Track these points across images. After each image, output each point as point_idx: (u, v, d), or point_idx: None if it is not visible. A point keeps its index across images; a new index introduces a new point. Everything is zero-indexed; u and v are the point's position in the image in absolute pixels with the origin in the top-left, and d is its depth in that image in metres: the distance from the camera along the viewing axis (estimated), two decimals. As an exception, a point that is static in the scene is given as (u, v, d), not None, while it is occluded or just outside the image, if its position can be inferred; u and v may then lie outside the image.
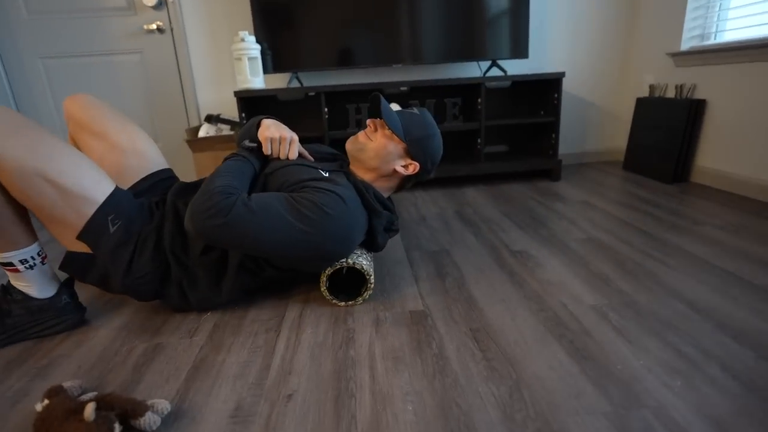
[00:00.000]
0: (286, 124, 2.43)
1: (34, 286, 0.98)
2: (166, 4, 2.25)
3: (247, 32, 2.05)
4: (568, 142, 2.69)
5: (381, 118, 1.11)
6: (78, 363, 0.91)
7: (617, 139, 2.71)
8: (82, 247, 0.97)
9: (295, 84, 2.38)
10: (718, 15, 2.03)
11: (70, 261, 0.98)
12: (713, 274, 1.15)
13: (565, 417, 0.69)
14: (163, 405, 0.72)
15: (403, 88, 2.39)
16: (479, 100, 2.18)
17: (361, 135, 1.13)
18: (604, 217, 1.65)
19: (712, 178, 2.03)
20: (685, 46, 2.15)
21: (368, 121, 1.13)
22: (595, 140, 2.71)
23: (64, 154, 0.92)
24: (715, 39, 2.07)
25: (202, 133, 2.15)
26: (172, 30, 2.28)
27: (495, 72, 2.45)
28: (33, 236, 0.97)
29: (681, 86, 2.14)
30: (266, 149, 1.09)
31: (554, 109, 2.22)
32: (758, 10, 1.82)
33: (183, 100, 2.40)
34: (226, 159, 1.06)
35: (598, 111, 2.65)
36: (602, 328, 0.94)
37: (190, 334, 0.99)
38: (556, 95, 2.19)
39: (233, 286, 1.04)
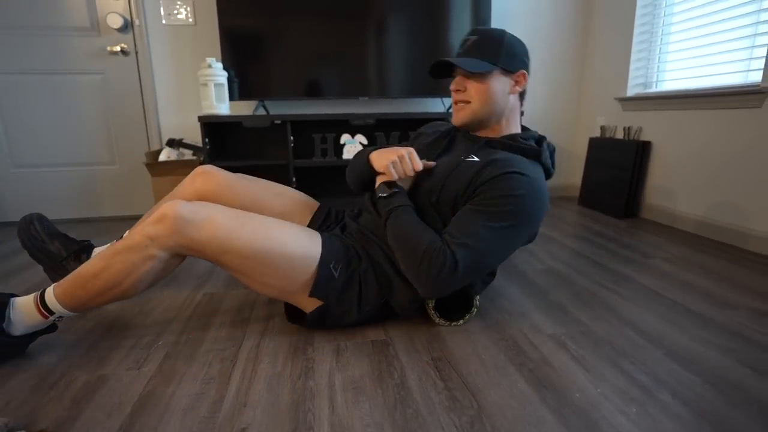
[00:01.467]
0: (250, 152, 2.42)
1: (25, 327, 0.92)
2: (132, 27, 2.22)
3: (214, 59, 2.06)
4: (526, 178, 2.80)
5: (456, 73, 1.08)
6: (6, 398, 0.82)
7: (573, 176, 2.86)
8: (315, 303, 1.00)
9: (261, 112, 2.38)
10: (658, 66, 2.22)
11: (311, 322, 1.02)
12: (662, 304, 1.21)
13: (525, 446, 0.69)
14: (103, 442, 0.66)
15: (369, 121, 2.44)
16: (443, 134, 2.25)
17: (457, 105, 1.09)
18: (562, 250, 1.71)
19: (659, 214, 2.16)
20: (630, 92, 2.33)
21: (452, 87, 1.08)
22: (552, 177, 2.83)
23: (279, 230, 0.97)
24: (656, 87, 2.25)
25: (162, 157, 2.09)
26: (137, 53, 2.24)
27: (458, 108, 2.54)
28: None
29: (629, 128, 2.30)
30: (392, 175, 1.02)
31: (514, 145, 2.31)
32: (691, 64, 2.01)
33: (144, 123, 2.34)
34: (388, 216, 1.00)
35: (554, 149, 2.79)
36: (561, 356, 0.95)
37: (138, 365, 0.93)
38: (515, 132, 2.29)
39: None
